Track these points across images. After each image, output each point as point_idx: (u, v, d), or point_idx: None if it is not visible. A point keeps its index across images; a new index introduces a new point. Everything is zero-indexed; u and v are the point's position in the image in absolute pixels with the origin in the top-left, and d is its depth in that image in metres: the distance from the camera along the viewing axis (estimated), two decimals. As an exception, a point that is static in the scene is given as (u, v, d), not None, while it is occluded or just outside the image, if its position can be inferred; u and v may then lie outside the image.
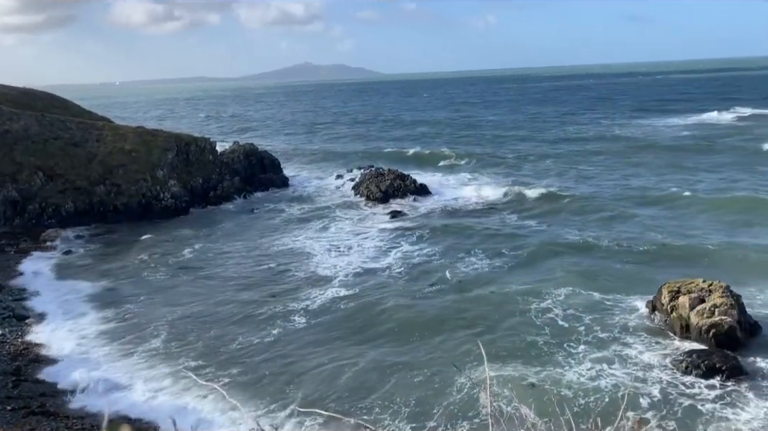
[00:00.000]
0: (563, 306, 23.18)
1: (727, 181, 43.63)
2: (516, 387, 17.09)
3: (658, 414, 16.12)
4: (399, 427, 15.96)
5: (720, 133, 66.77)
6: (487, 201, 42.01)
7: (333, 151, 70.02)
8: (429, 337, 21.39)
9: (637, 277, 25.49)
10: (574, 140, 68.51)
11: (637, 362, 18.89)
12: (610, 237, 31.33)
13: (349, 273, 28.59)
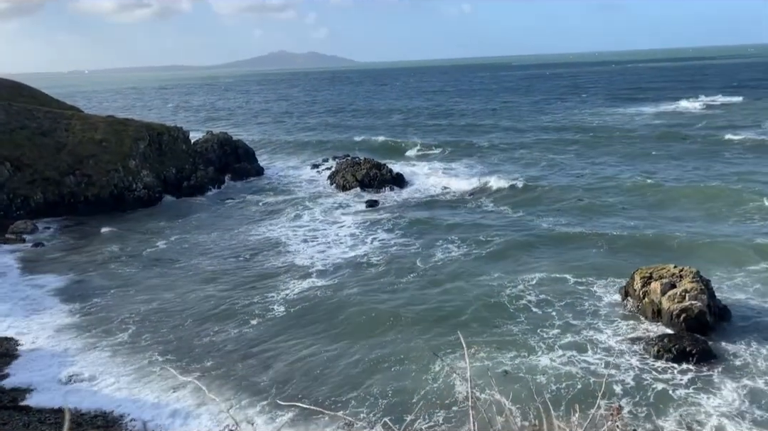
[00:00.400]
0: (537, 293, 23.51)
1: (694, 169, 44.40)
2: (491, 375, 17.34)
3: (632, 399, 16.48)
4: (377, 418, 16.01)
5: (689, 122, 67.94)
6: (462, 190, 42.20)
7: (307, 140, 69.56)
8: (405, 327, 21.48)
9: (610, 265, 25.88)
10: (547, 129, 68.99)
11: (610, 347, 19.22)
12: (582, 226, 31.78)
13: (327, 263, 28.55)
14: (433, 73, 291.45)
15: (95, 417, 16.77)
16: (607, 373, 17.40)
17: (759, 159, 46.00)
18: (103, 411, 17.07)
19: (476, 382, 16.61)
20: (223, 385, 18.14)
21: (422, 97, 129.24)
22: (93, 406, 17.22)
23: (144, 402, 17.37)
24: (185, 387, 17.70)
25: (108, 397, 17.73)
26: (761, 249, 26.40)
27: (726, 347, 18.80)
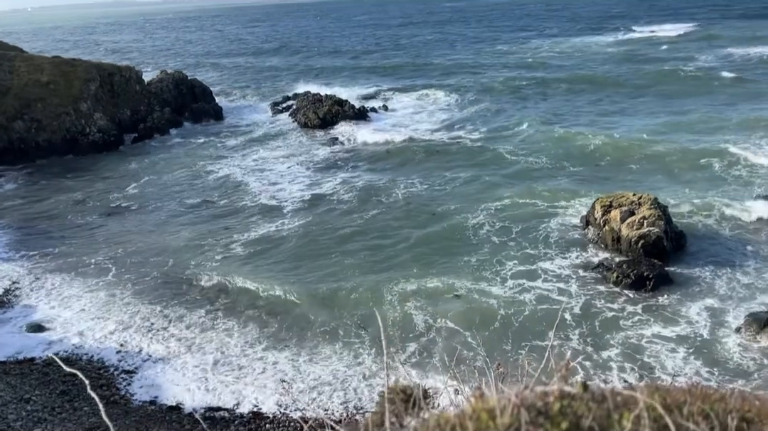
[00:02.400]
0: (498, 223, 24.01)
1: (646, 95, 44.88)
2: (443, 300, 18.48)
3: (582, 327, 17.07)
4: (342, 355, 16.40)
5: (649, 50, 68.25)
6: (427, 127, 41.89)
7: (266, 78, 67.77)
8: (372, 256, 22.22)
9: (571, 194, 26.29)
10: (508, 65, 68.49)
11: (567, 275, 19.80)
12: (544, 155, 32.02)
13: (292, 200, 28.47)
14: (391, 2, 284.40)
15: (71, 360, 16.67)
16: (564, 301, 18.06)
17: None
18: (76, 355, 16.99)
19: (433, 309, 17.49)
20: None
21: (366, 31, 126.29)
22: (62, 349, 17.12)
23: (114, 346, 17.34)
24: (151, 333, 17.73)
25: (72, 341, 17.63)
26: (715, 175, 27.13)
27: (681, 272, 19.53)
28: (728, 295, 18.05)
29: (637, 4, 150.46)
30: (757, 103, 39.48)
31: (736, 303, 17.62)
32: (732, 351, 15.53)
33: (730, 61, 56.46)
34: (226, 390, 15.31)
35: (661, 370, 15.03)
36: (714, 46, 66.38)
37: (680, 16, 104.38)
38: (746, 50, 61.56)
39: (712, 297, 18.04)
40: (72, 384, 15.36)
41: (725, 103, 40.79)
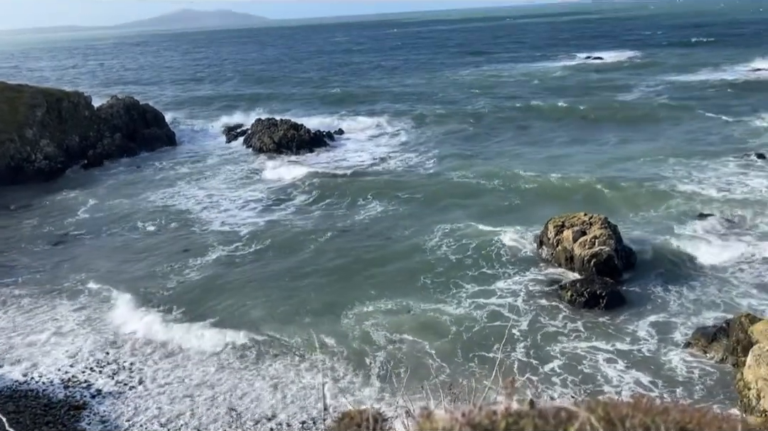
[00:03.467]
0: (455, 244, 24.26)
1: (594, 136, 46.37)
2: (399, 320, 18.81)
3: (538, 342, 17.31)
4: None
5: (594, 74, 70.69)
6: (380, 150, 42.21)
7: (220, 102, 67.32)
8: (329, 278, 22.22)
9: (524, 215, 26.79)
10: (461, 85, 69.90)
11: (523, 293, 20.09)
12: (497, 178, 32.53)
13: (250, 226, 28.19)
14: (346, 29, 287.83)
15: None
16: (514, 319, 18.38)
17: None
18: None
19: (389, 329, 17.69)
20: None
21: (322, 57, 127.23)
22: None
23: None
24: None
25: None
26: (660, 195, 28.12)
27: (632, 289, 20.01)
28: (677, 311, 18.56)
29: (582, 32, 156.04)
30: (692, 131, 40.89)
31: (684, 318, 18.13)
32: (679, 366, 15.92)
33: (670, 88, 58.70)
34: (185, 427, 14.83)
35: (607, 385, 15.30)
36: (656, 73, 69.08)
37: (623, 44, 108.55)
38: (686, 77, 64.39)
39: (661, 312, 18.53)
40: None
41: (665, 129, 42.34)
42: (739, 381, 14.49)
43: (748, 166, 31.55)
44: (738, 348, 15.59)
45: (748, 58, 72.02)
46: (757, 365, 13.99)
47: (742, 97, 50.79)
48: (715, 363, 15.83)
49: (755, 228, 23.68)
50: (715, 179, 29.78)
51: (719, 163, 32.36)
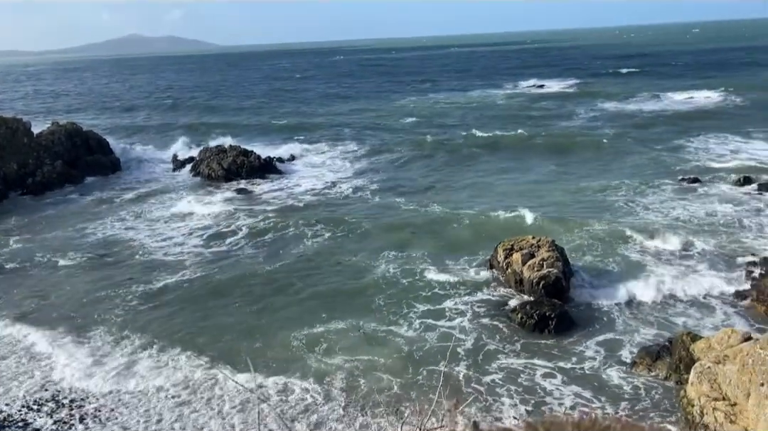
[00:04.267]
0: (406, 267, 24.44)
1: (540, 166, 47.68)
2: (350, 337, 19.18)
3: (487, 364, 17.47)
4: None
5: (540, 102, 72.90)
6: (330, 177, 42.19)
7: (167, 128, 66.19)
8: (280, 304, 22.22)
9: (471, 241, 27.09)
10: (407, 115, 70.89)
11: (473, 317, 20.28)
12: (444, 205, 32.87)
13: (197, 254, 27.60)
14: (287, 56, 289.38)
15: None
16: (462, 339, 18.71)
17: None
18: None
19: (334, 346, 17.85)
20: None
21: (267, 82, 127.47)
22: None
23: None
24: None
25: None
26: (602, 220, 28.99)
27: (579, 309, 20.46)
28: (621, 330, 19.03)
29: (526, 60, 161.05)
30: (630, 158, 42.32)
31: (629, 337, 18.60)
32: (625, 384, 16.28)
33: (608, 116, 60.67)
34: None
35: (554, 405, 15.52)
36: (594, 101, 71.55)
37: (564, 72, 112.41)
38: (623, 105, 67.03)
39: (607, 332, 18.97)
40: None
41: (604, 155, 43.75)
42: (682, 398, 14.90)
43: (685, 191, 32.90)
44: (681, 366, 16.06)
45: (680, 88, 75.61)
46: (699, 382, 14.42)
47: (676, 124, 53.10)
48: (660, 380, 16.25)
49: (693, 248, 24.61)
50: (654, 204, 30.91)
51: (657, 187, 33.64)
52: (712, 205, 30.02)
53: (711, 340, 15.68)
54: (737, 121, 51.74)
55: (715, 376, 14.20)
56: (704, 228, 26.85)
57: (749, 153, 40.61)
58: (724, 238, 25.54)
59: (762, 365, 13.16)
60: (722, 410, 13.72)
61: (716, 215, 28.54)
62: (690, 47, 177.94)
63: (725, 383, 13.92)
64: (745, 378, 13.43)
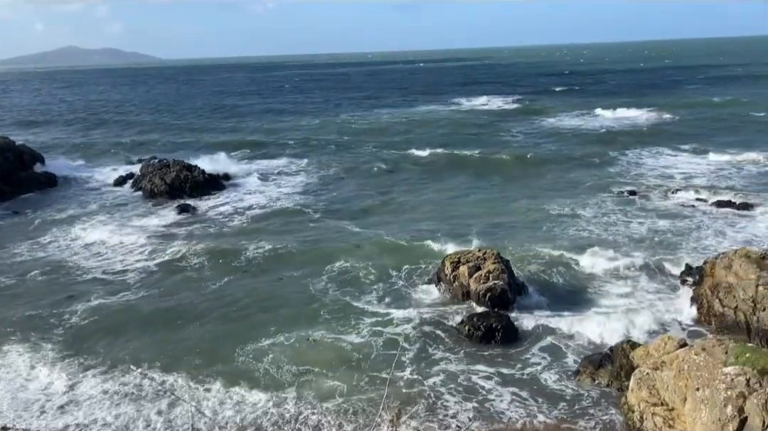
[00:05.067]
0: (351, 282, 24.55)
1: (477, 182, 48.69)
2: (299, 344, 19.41)
3: (433, 374, 17.64)
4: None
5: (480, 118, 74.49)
6: (273, 193, 41.84)
7: (106, 142, 64.34)
8: (226, 317, 22.16)
9: (416, 254, 27.24)
10: (357, 129, 71.25)
11: (420, 327, 20.44)
12: (386, 223, 32.96)
13: (138, 271, 26.86)
14: (234, 70, 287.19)
15: None
16: (401, 347, 18.95)
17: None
18: None
19: (288, 362, 17.86)
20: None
21: (226, 98, 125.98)
22: None
23: None
24: None
25: None
26: (544, 232, 29.77)
27: (524, 320, 20.86)
28: (566, 340, 19.51)
29: (471, 77, 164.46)
30: (569, 172, 43.61)
31: (573, 346, 19.09)
32: (570, 393, 16.67)
33: (547, 132, 62.41)
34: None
35: (498, 413, 15.80)
36: (535, 118, 73.57)
37: (506, 89, 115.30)
38: (563, 122, 69.27)
39: (552, 342, 19.41)
40: None
41: (545, 171, 45.03)
42: (623, 405, 15.37)
43: (622, 203, 34.14)
44: (621, 373, 16.58)
45: (614, 105, 78.49)
46: (638, 388, 14.92)
47: (611, 140, 55.08)
48: (602, 388, 16.71)
49: (631, 259, 25.49)
50: (593, 217, 31.90)
51: (596, 201, 34.77)
52: (648, 217, 31.25)
53: (649, 347, 16.26)
54: (667, 137, 54.19)
55: (653, 382, 14.72)
56: (641, 239, 27.91)
57: (678, 168, 42.57)
58: (660, 249, 26.61)
59: (697, 370, 13.73)
60: (661, 415, 14.23)
61: (652, 226, 29.72)
62: (626, 66, 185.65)
63: (663, 388, 14.44)
64: (681, 384, 13.97)
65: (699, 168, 41.96)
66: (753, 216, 30.51)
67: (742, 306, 19.16)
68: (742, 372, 12.98)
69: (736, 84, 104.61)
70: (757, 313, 18.70)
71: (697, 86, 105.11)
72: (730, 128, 57.77)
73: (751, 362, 13.14)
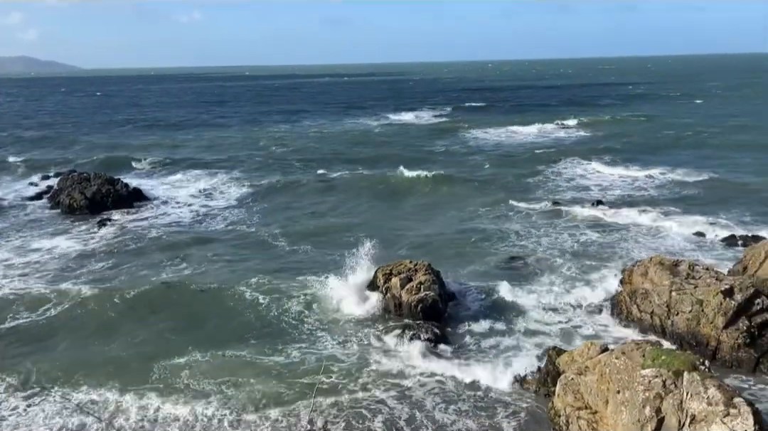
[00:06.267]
0: (276, 294, 24.29)
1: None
2: (231, 363, 19.10)
3: (367, 387, 17.67)
4: None
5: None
6: (195, 206, 40.92)
7: (18, 155, 61.04)
8: (136, 331, 21.85)
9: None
10: (283, 142, 70.77)
11: (353, 340, 20.50)
12: (314, 238, 32.75)
13: (53, 289, 25.46)
14: (155, 81, 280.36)
15: None
16: (345, 365, 18.87)
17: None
18: None
19: (208, 371, 17.32)
20: None
21: (145, 108, 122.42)
22: None
23: None
24: None
25: None
26: (472, 244, 30.50)
27: (455, 329, 21.23)
28: (497, 348, 19.95)
29: (394, 92, 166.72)
30: (493, 184, 44.90)
31: (504, 354, 19.54)
32: (501, 399, 17.04)
33: (469, 147, 63.91)
34: None
35: (426, 420, 16.01)
36: (458, 132, 75.23)
37: (434, 104, 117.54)
38: (484, 136, 71.43)
39: (483, 351, 19.82)
40: None
41: (471, 187, 46.14)
42: (551, 410, 15.85)
43: (546, 215, 35.41)
44: (548, 379, 17.10)
45: (536, 120, 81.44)
46: (564, 393, 15.43)
47: (531, 155, 57.11)
48: (531, 394, 17.18)
49: (556, 268, 26.46)
50: (519, 229, 32.86)
51: (522, 214, 35.94)
52: (571, 227, 32.58)
53: (574, 353, 16.86)
54: (584, 151, 56.61)
55: (578, 387, 15.26)
56: (564, 250, 28.99)
57: (594, 180, 44.65)
58: (582, 258, 27.73)
59: (617, 374, 14.35)
60: (585, 418, 14.76)
61: (575, 236, 30.97)
62: (547, 82, 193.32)
63: (587, 392, 15.00)
64: (603, 387, 14.56)
65: (614, 180, 44.08)
66: (666, 226, 32.33)
67: (658, 311, 20.22)
68: (658, 374, 13.67)
69: (642, 101, 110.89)
70: (671, 317, 19.79)
71: (611, 102, 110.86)
72: (641, 144, 61.12)
73: (667, 364, 13.86)
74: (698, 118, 78.75)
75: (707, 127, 69.49)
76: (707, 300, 19.03)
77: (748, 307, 18.75)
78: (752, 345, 18.23)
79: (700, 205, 36.05)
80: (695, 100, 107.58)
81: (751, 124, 70.58)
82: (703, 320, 18.99)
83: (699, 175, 43.57)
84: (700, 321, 19.04)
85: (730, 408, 12.30)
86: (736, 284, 19.28)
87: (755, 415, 12.13)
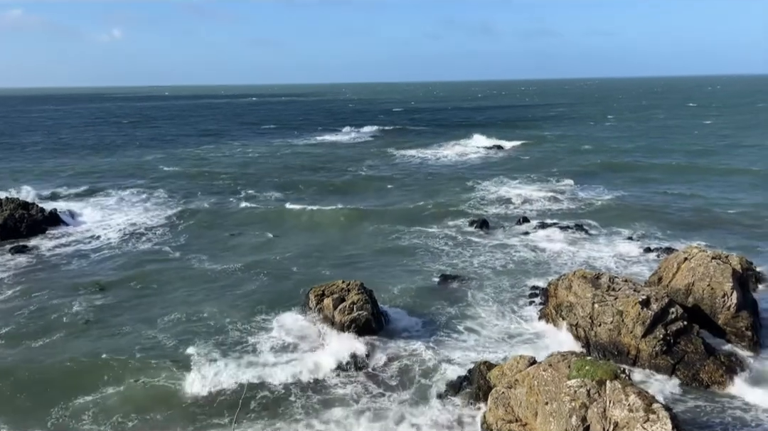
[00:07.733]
0: (204, 318, 23.93)
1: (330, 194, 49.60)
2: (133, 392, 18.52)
3: (308, 407, 17.45)
4: None
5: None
6: (120, 226, 39.47)
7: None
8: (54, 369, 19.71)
9: (285, 291, 26.93)
10: (207, 160, 69.43)
11: (285, 363, 20.16)
12: (264, 260, 32.58)
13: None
14: (70, 101, 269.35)
15: None
16: (278, 384, 18.87)
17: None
18: None
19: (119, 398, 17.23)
20: None
21: (58, 130, 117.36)
22: None
23: None
24: None
25: None
26: (400, 257, 30.81)
27: (388, 344, 21.35)
28: (429, 365, 20.13)
29: (334, 113, 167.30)
30: (423, 200, 45.98)
31: (436, 371, 19.74)
32: (435, 415, 17.20)
33: (399, 164, 65.00)
34: None
35: None
36: (388, 149, 76.43)
37: (361, 124, 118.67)
38: (419, 153, 72.67)
39: (416, 368, 19.95)
40: None
41: (394, 201, 46.76)
42: (483, 424, 16.13)
43: (476, 233, 36.27)
44: (480, 394, 17.42)
45: (469, 139, 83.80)
46: (495, 407, 15.76)
47: (459, 172, 58.71)
48: (463, 409, 17.42)
49: (484, 283, 27.11)
50: (448, 246, 33.56)
51: (451, 232, 36.66)
52: (498, 243, 33.52)
53: (504, 367, 17.25)
54: (509, 168, 58.66)
55: (508, 400, 15.63)
56: (495, 265, 29.77)
57: (521, 197, 46.10)
58: (511, 272, 28.57)
59: (545, 385, 14.81)
60: (516, 431, 15.11)
61: (502, 253, 31.84)
62: (476, 104, 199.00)
63: (517, 405, 15.38)
64: (532, 399, 14.98)
65: (537, 198, 45.68)
66: (588, 240, 33.80)
67: (582, 323, 21.02)
68: (583, 384, 14.21)
69: (564, 122, 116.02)
70: (594, 328, 20.62)
71: (534, 122, 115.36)
72: (561, 161, 63.86)
73: (590, 374, 14.43)
74: (610, 140, 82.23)
75: (618, 152, 71.82)
76: (626, 311, 19.97)
77: (664, 316, 19.82)
78: (668, 353, 19.24)
79: (617, 219, 37.96)
80: (605, 123, 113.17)
81: (657, 146, 74.70)
82: (623, 330, 19.90)
83: (612, 194, 46.07)
84: (620, 331, 19.95)
85: (650, 413, 12.92)
86: (653, 294, 20.35)
87: (673, 419, 12.80)
